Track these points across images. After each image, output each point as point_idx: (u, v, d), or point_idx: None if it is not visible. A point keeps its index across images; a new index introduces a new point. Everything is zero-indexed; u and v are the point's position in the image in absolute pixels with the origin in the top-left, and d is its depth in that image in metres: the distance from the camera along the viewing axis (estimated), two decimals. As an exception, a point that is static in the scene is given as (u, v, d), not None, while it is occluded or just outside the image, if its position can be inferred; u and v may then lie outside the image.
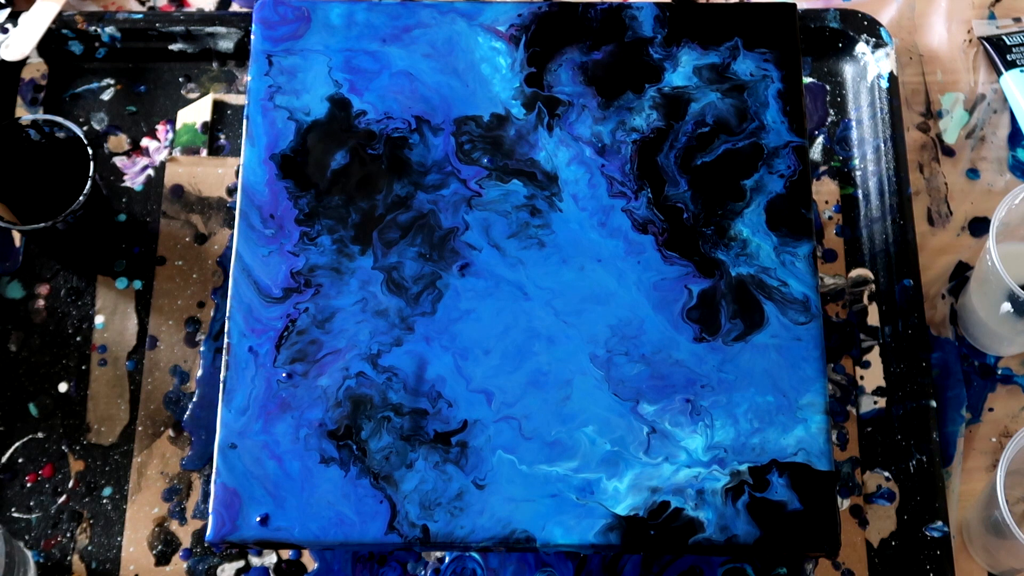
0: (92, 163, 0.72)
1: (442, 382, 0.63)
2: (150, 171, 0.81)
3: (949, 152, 0.83)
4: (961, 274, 0.79)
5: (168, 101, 0.83)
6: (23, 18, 0.82)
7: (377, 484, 0.61)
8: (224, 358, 0.63)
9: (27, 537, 0.72)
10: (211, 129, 0.82)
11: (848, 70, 0.84)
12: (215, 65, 0.84)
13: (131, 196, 0.80)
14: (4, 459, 0.73)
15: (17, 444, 0.74)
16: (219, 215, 0.79)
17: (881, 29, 0.83)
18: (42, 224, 0.70)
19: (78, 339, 0.76)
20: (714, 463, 0.61)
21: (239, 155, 0.73)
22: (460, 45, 0.70)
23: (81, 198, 0.71)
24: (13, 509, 0.72)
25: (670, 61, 0.70)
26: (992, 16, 0.87)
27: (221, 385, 0.63)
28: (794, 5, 0.72)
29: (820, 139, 0.82)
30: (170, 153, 0.81)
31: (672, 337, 0.64)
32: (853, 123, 0.82)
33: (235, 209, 0.67)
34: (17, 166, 0.74)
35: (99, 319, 0.77)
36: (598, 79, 0.69)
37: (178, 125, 0.82)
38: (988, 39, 0.85)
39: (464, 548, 0.61)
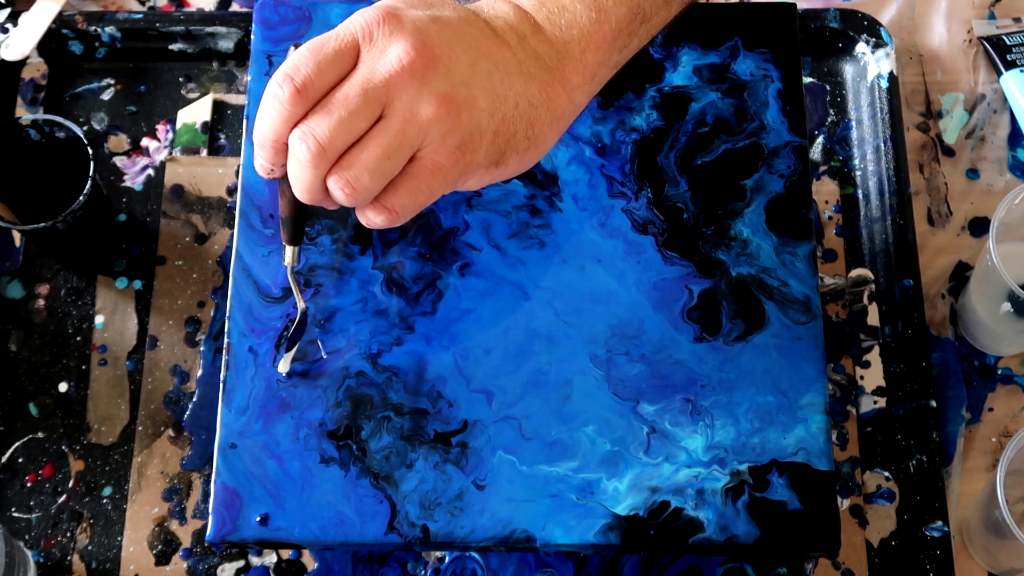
0: (92, 163, 0.72)
1: (442, 382, 0.63)
2: (150, 171, 0.81)
3: (949, 152, 0.83)
4: (961, 274, 0.79)
5: (168, 101, 0.83)
6: (23, 18, 0.82)
7: (377, 484, 0.61)
8: (224, 358, 0.63)
9: (27, 537, 0.72)
10: (211, 129, 0.82)
11: (848, 70, 0.84)
12: (215, 65, 0.84)
13: (131, 196, 0.80)
14: (4, 459, 0.73)
15: (17, 444, 0.74)
16: (219, 215, 0.79)
17: (881, 29, 0.83)
18: (42, 224, 0.70)
19: (78, 339, 0.76)
20: (714, 463, 0.61)
21: (239, 155, 0.73)
22: (460, 45, 0.70)
23: (81, 198, 0.71)
24: (13, 509, 0.72)
25: (670, 61, 0.70)
26: (992, 16, 0.87)
27: (221, 385, 0.63)
28: (794, 5, 0.72)
29: (820, 139, 0.82)
30: (170, 153, 0.81)
31: (672, 337, 0.64)
32: (853, 123, 0.82)
33: (235, 209, 0.67)
34: (17, 166, 0.74)
35: (99, 319, 0.77)
36: (598, 79, 0.69)
37: (178, 125, 0.82)
38: (988, 39, 0.85)
39: (464, 548, 0.61)
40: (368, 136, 0.52)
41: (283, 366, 0.62)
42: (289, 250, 0.59)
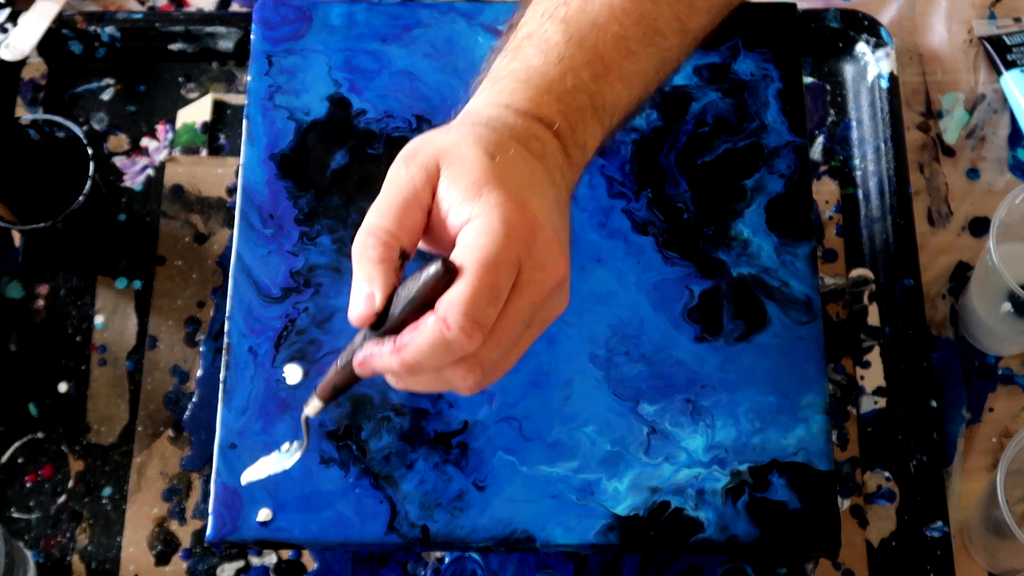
0: (92, 163, 0.72)
1: (442, 382, 0.63)
2: (150, 171, 0.81)
3: (949, 152, 0.82)
4: (961, 274, 0.79)
5: (168, 101, 0.83)
6: (23, 18, 0.82)
7: (377, 484, 0.61)
8: (224, 358, 0.63)
9: (27, 537, 0.72)
10: (211, 129, 0.82)
11: (848, 70, 0.84)
12: (215, 65, 0.84)
13: (131, 196, 0.80)
14: (4, 459, 0.73)
15: (17, 444, 0.74)
16: (219, 215, 0.79)
17: (881, 29, 0.83)
18: (42, 224, 0.70)
19: (78, 339, 0.76)
20: (714, 463, 0.61)
21: (239, 155, 0.73)
22: (460, 45, 0.70)
23: (81, 198, 0.71)
24: (13, 509, 0.72)
25: (670, 61, 0.70)
26: (992, 16, 0.87)
27: (221, 385, 0.63)
28: (794, 5, 0.72)
29: (820, 139, 0.82)
30: (170, 153, 0.81)
31: (673, 337, 0.64)
32: (853, 123, 0.82)
33: (235, 209, 0.67)
34: (17, 166, 0.74)
35: (99, 319, 0.77)
36: (598, 79, 0.69)
37: (178, 125, 0.82)
38: (988, 39, 0.85)
39: (464, 548, 0.61)
40: (514, 347, 0.52)
41: (248, 475, 0.60)
42: (319, 406, 0.55)
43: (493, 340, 0.50)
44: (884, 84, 0.81)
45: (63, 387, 0.75)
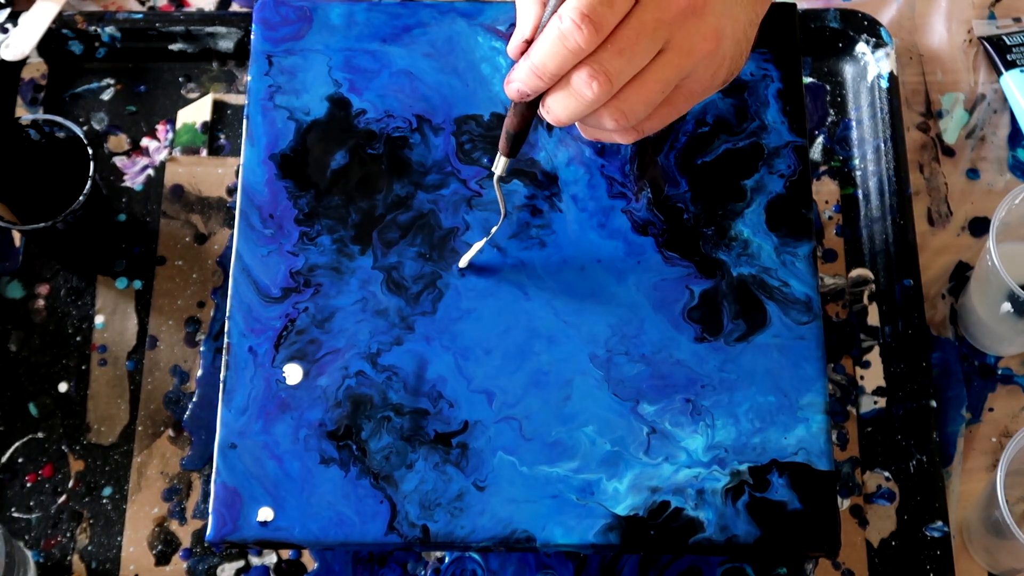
0: (92, 163, 0.72)
1: (443, 382, 0.63)
2: (150, 171, 0.81)
3: (949, 152, 0.83)
4: (961, 274, 0.79)
5: (168, 101, 0.83)
6: (23, 18, 0.82)
7: (377, 484, 0.61)
8: (224, 358, 0.63)
9: (27, 537, 0.72)
10: (211, 129, 0.82)
11: (848, 70, 0.84)
12: (215, 65, 0.84)
13: (131, 196, 0.80)
14: (4, 459, 0.73)
15: (17, 444, 0.74)
16: (219, 215, 0.79)
17: (881, 29, 0.83)
18: (42, 224, 0.70)
19: (78, 339, 0.76)
20: (714, 463, 0.61)
21: (239, 155, 0.73)
22: (460, 45, 0.70)
23: (81, 198, 0.71)
24: (13, 509, 0.72)
25: (670, 61, 0.70)
26: (992, 16, 0.87)
27: (221, 385, 0.63)
28: (794, 5, 0.72)
29: (820, 139, 0.82)
30: (170, 153, 0.81)
31: (673, 337, 0.64)
32: (853, 123, 0.82)
33: (235, 209, 0.67)
34: (17, 166, 0.74)
35: (99, 319, 0.77)
36: (598, 79, 0.69)
37: (178, 125, 0.82)
38: (988, 39, 0.85)
39: (464, 548, 0.61)
40: (649, 70, 0.53)
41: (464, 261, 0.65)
42: (504, 161, 0.60)
43: (614, 46, 0.51)
44: (884, 84, 0.81)
45: (63, 387, 0.75)
